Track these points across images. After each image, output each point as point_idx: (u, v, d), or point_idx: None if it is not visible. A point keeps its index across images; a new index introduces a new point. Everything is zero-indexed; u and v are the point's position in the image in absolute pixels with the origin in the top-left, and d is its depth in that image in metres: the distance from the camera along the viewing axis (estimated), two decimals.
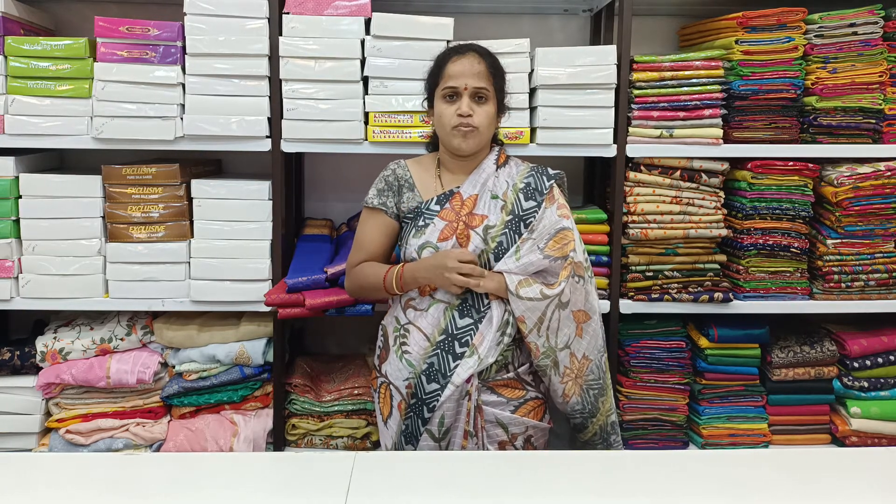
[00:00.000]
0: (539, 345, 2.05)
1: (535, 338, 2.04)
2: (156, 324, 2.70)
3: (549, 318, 2.04)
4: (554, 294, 2.03)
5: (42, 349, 2.65)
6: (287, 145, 2.61)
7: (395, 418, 2.08)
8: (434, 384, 2.01)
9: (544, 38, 3.06)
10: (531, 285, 2.02)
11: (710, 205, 2.68)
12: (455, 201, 2.09)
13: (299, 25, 2.56)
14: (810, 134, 2.69)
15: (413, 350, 2.05)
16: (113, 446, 2.62)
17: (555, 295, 2.03)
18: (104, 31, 2.55)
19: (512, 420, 2.05)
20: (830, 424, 2.78)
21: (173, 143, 2.60)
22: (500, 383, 2.06)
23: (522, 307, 2.01)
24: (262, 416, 2.71)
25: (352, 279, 2.18)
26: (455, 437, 2.04)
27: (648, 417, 2.74)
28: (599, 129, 2.62)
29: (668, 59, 2.64)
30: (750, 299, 2.69)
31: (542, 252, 2.04)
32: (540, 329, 2.03)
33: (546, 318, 2.03)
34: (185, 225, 2.65)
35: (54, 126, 2.58)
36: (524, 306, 2.01)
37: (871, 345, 2.74)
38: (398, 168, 2.16)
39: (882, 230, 2.69)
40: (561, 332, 2.06)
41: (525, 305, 2.01)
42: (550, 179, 2.13)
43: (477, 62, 2.05)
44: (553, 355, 2.06)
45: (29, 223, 2.62)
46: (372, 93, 2.59)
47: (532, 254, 2.04)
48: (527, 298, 2.01)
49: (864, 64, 2.65)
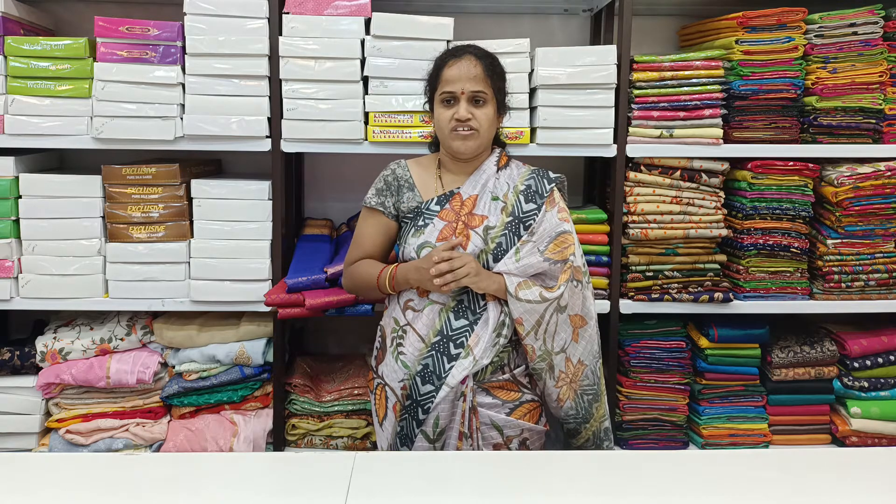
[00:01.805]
0: (536, 347, 2.04)
1: (531, 340, 2.03)
2: (156, 324, 2.70)
3: (547, 322, 2.04)
4: (553, 297, 2.03)
5: (42, 349, 2.65)
6: (287, 145, 2.61)
7: (390, 420, 2.08)
8: (429, 385, 2.01)
9: (544, 38, 3.06)
10: (530, 287, 2.02)
11: (711, 205, 2.68)
12: (455, 202, 2.09)
13: (299, 25, 2.56)
14: (810, 134, 2.69)
15: (408, 351, 2.05)
16: (113, 446, 2.62)
17: (554, 298, 2.03)
18: (104, 31, 2.55)
19: (507, 423, 2.04)
20: (830, 424, 2.78)
21: (173, 143, 2.60)
22: (495, 385, 2.05)
23: (521, 309, 2.01)
24: (262, 416, 2.71)
25: (348, 276, 2.19)
26: (450, 439, 2.03)
27: (648, 417, 2.74)
28: (599, 129, 2.62)
29: (668, 59, 2.64)
30: (750, 299, 2.70)
31: (542, 255, 2.04)
32: (537, 332, 2.03)
33: (544, 322, 2.03)
34: (185, 225, 2.65)
35: (54, 126, 2.58)
36: (523, 308, 2.01)
37: (871, 345, 2.74)
38: (398, 168, 2.16)
39: (882, 230, 2.69)
40: (558, 336, 2.06)
41: (524, 307, 2.01)
42: (551, 183, 2.13)
43: (473, 65, 2.04)
44: (549, 359, 2.06)
45: (29, 223, 2.62)
46: (372, 93, 2.59)
47: (532, 256, 2.04)
48: (526, 301, 2.00)
49: (865, 64, 2.65)
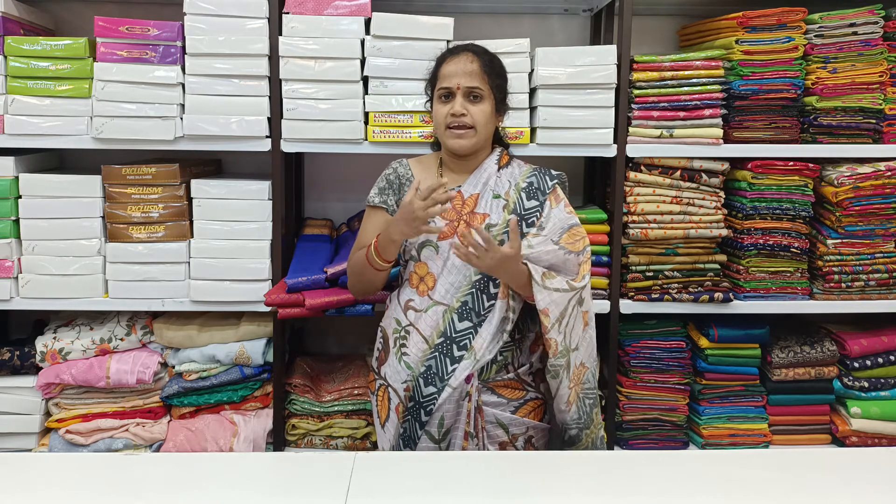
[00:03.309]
0: (559, 342, 2.00)
1: (555, 334, 1.98)
2: (155, 324, 2.70)
3: (569, 314, 2.00)
4: (580, 286, 2.00)
5: (42, 349, 2.65)
6: (287, 145, 2.61)
7: (392, 422, 2.08)
8: (431, 387, 2.00)
9: (544, 38, 3.06)
10: (555, 277, 1.99)
11: (711, 205, 2.68)
12: (456, 200, 2.09)
13: (299, 25, 2.56)
14: (810, 134, 2.69)
15: (412, 352, 2.04)
16: (113, 446, 2.62)
17: (581, 287, 2.00)
18: (104, 31, 2.55)
19: (512, 420, 2.04)
20: (831, 424, 2.78)
21: (173, 143, 2.60)
22: (500, 384, 2.05)
23: (548, 299, 1.95)
24: (262, 416, 2.71)
25: (348, 272, 2.18)
26: (455, 439, 2.03)
27: (648, 417, 2.74)
28: (599, 129, 2.62)
29: (669, 59, 2.64)
30: (750, 299, 2.69)
31: (557, 244, 2.02)
32: (560, 324, 1.99)
33: (567, 314, 1.99)
34: (185, 225, 2.65)
35: (54, 126, 2.58)
36: (550, 298, 1.96)
37: (872, 345, 2.74)
38: (400, 167, 2.16)
39: (882, 230, 2.69)
40: (574, 332, 2.04)
41: (551, 297, 1.96)
42: (553, 180, 2.13)
43: (470, 61, 2.04)
44: (567, 355, 2.02)
45: (29, 223, 2.62)
46: (372, 93, 2.59)
47: (545, 244, 2.01)
48: (553, 289, 1.96)
49: (865, 64, 2.65)
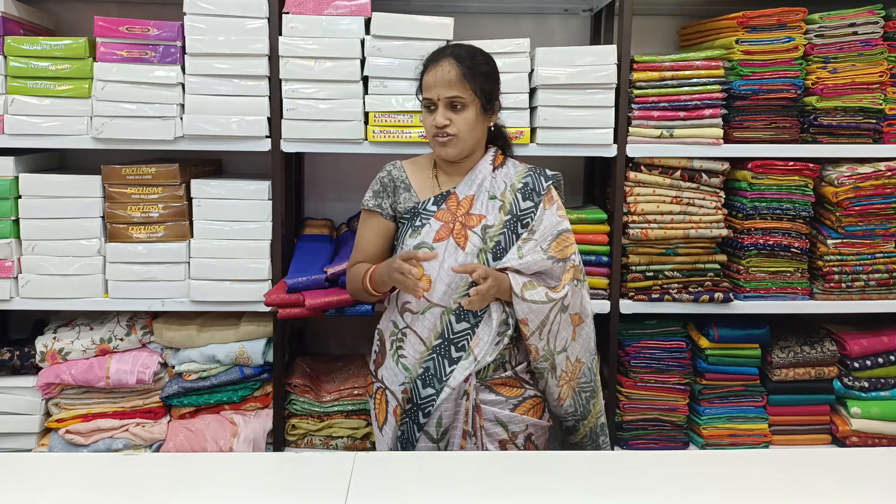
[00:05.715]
0: (539, 347, 2.04)
1: (535, 340, 2.03)
2: (155, 324, 2.70)
3: (551, 322, 2.03)
4: (558, 297, 2.03)
5: (42, 349, 2.65)
6: (287, 145, 2.61)
7: (390, 424, 2.08)
8: (430, 389, 2.01)
9: (544, 38, 3.06)
10: (535, 288, 2.02)
11: (711, 205, 2.68)
12: (451, 202, 2.08)
13: (299, 25, 2.56)
14: (810, 134, 2.69)
15: (409, 354, 2.05)
16: (113, 446, 2.62)
17: (559, 298, 2.03)
18: (104, 31, 2.55)
19: (511, 418, 2.05)
20: (831, 424, 2.78)
21: (173, 143, 2.60)
22: (497, 382, 2.06)
23: (527, 310, 2.00)
24: (262, 416, 2.71)
25: (347, 281, 2.20)
26: (454, 438, 2.04)
27: (648, 417, 2.74)
28: (599, 129, 2.62)
29: (669, 59, 2.64)
30: (750, 299, 2.69)
31: (546, 252, 2.04)
32: (542, 332, 2.03)
33: (548, 322, 2.03)
34: (185, 225, 2.65)
35: (54, 126, 2.58)
36: (528, 309, 2.00)
37: (872, 345, 2.74)
38: (393, 169, 2.16)
39: (882, 230, 2.69)
40: (560, 336, 2.06)
41: (529, 308, 2.00)
42: (548, 180, 2.13)
43: (448, 69, 1.99)
44: (551, 358, 2.06)
45: (29, 223, 2.62)
46: (372, 93, 2.59)
47: (535, 253, 2.03)
48: (532, 301, 2.00)
49: (865, 64, 2.65)
